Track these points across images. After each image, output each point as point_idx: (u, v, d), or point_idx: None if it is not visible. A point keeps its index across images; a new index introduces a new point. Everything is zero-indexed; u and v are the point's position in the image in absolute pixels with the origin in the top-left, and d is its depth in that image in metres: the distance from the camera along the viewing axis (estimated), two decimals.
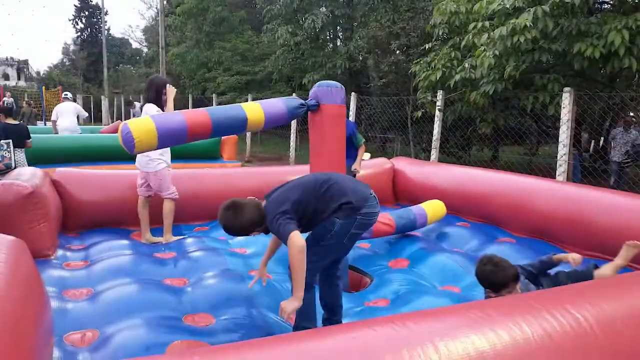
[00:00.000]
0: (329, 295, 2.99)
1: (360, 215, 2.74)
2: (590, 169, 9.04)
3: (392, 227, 4.51)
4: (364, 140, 5.83)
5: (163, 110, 4.65)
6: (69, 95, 11.81)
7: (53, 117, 10.65)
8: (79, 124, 11.15)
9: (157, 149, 3.03)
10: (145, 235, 4.60)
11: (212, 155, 9.81)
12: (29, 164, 6.65)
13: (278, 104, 3.48)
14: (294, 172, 5.21)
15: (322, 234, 2.76)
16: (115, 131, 11.69)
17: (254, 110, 3.30)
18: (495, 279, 2.85)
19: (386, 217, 4.50)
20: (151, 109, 4.50)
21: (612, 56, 6.70)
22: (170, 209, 4.62)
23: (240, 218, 2.71)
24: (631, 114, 9.96)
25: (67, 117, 10.43)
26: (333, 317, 3.01)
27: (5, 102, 17.01)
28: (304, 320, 2.82)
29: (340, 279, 3.03)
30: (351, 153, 5.39)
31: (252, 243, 4.39)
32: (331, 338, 1.68)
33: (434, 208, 4.91)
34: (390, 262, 4.25)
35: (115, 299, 3.13)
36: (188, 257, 4.01)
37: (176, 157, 5.49)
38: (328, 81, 3.78)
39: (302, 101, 3.61)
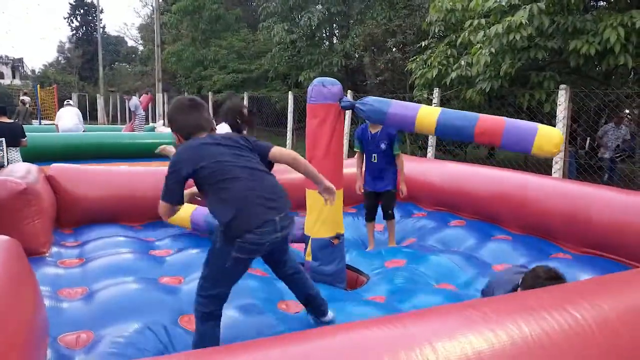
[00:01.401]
0: (297, 290, 2.91)
1: (241, 240, 2.35)
2: (585, 166, 9.06)
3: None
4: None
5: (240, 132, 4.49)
6: (72, 102, 13.12)
7: (56, 121, 11.65)
8: None
9: None
10: None
11: None
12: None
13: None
14: (288, 167, 5.16)
15: (210, 250, 2.57)
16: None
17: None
18: None
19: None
20: (223, 128, 4.24)
21: (608, 53, 6.71)
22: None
23: (191, 115, 2.60)
24: (626, 111, 10.00)
25: (68, 119, 11.35)
26: (313, 303, 2.92)
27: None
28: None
29: (300, 272, 2.88)
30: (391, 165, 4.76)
31: None
32: (327, 338, 1.66)
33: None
34: (387, 262, 4.23)
35: (110, 299, 3.09)
36: (184, 254, 3.98)
37: None
38: (325, 78, 3.77)
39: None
